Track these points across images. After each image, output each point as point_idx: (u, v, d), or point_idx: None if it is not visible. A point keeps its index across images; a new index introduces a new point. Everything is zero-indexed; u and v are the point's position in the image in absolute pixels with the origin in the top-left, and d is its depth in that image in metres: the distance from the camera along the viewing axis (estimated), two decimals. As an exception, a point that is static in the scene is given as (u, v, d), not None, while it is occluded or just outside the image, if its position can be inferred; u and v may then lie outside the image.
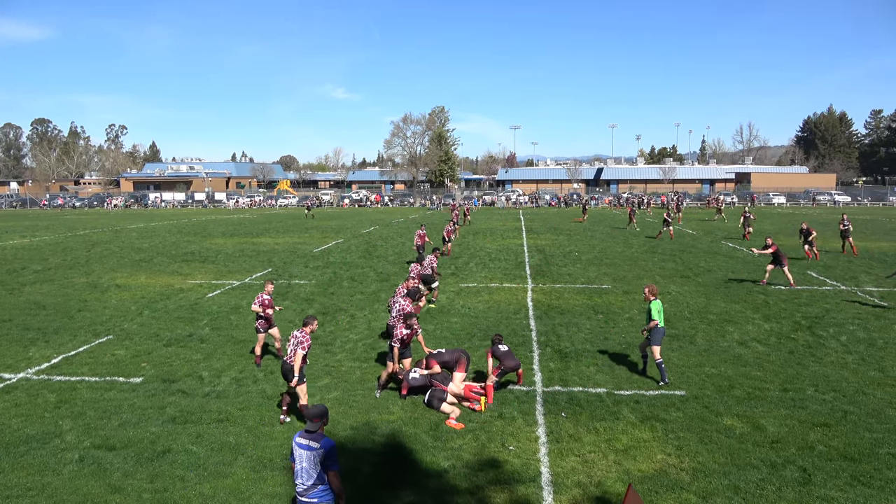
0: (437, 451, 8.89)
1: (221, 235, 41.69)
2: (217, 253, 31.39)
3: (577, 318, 16.65)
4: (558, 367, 12.47)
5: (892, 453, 8.63)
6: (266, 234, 42.15)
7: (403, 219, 58.96)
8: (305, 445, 6.00)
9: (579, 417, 10.00)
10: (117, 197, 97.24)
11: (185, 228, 47.97)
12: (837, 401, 10.57)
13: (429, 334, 15.06)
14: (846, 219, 29.42)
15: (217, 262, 27.86)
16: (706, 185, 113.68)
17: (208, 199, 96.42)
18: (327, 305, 18.53)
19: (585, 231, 42.78)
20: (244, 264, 27.25)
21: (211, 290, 21.02)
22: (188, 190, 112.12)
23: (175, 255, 30.44)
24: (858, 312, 17.00)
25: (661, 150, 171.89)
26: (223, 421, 9.97)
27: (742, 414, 10.05)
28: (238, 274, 24.50)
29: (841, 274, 23.07)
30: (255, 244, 35.82)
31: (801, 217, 55.53)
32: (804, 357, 13.05)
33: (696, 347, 13.82)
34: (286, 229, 46.56)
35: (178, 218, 62.33)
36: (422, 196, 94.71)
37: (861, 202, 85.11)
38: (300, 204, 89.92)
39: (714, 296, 19.41)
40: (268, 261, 28.28)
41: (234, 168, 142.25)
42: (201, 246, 34.85)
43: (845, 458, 8.53)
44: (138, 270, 25.67)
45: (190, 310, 17.99)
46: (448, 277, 23.23)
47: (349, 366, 12.74)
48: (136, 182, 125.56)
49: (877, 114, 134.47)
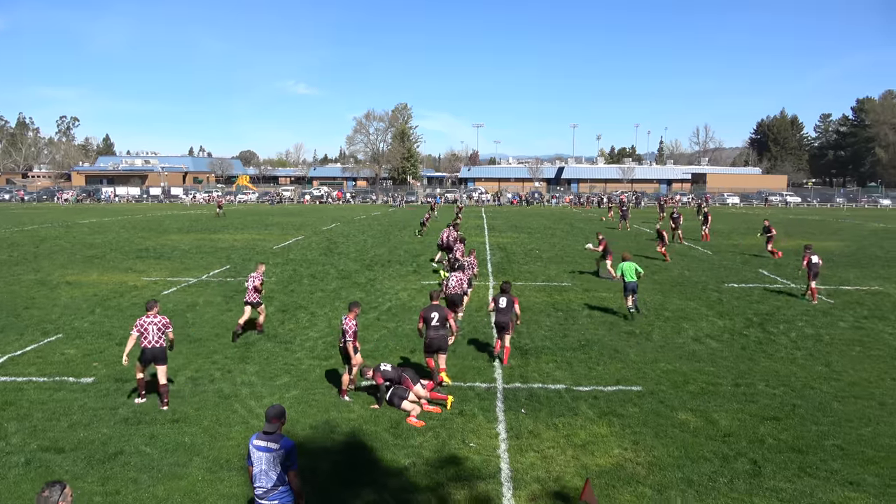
0: (397, 449, 8.88)
1: (178, 231, 40.77)
2: (173, 249, 30.69)
3: (538, 315, 16.81)
4: (518, 364, 12.58)
5: (837, 445, 8.97)
6: (224, 231, 41.39)
7: (365, 216, 58.63)
8: (264, 447, 5.91)
9: (539, 414, 10.11)
10: (68, 191, 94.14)
11: (140, 224, 46.75)
12: (786, 395, 10.93)
13: (390, 332, 15.03)
14: (769, 224, 29.56)
15: (173, 259, 27.25)
16: (664, 185, 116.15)
17: (164, 194, 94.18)
18: (287, 303, 18.30)
19: (546, 229, 43.22)
20: (201, 261, 26.71)
21: (166, 288, 20.55)
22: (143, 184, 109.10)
23: (129, 252, 29.65)
24: (807, 309, 17.60)
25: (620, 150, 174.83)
26: (178, 421, 9.76)
27: (696, 408, 10.31)
28: (195, 271, 24.01)
29: (791, 272, 23.83)
30: (213, 241, 35.14)
31: (756, 217, 57.19)
32: (755, 353, 13.45)
33: (653, 344, 14.11)
34: (245, 226, 45.81)
35: (132, 213, 60.71)
36: (384, 193, 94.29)
37: (811, 203, 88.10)
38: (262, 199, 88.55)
39: (670, 293, 19.85)
40: (226, 258, 27.77)
41: (191, 163, 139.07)
42: (157, 242, 34.02)
43: (793, 450, 8.83)
44: (90, 267, 24.92)
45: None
46: (409, 275, 23.21)
47: (309, 364, 12.62)
48: (88, 176, 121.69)
49: (826, 118, 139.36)
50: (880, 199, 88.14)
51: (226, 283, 21.45)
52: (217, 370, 12.21)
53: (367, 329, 15.26)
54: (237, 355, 13.14)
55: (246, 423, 9.73)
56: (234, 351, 13.44)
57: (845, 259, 28.06)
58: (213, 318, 16.40)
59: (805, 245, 19.81)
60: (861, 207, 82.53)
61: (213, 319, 16.30)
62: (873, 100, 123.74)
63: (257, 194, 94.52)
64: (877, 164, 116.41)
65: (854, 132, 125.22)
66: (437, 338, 11.32)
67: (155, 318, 10.47)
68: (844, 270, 24.65)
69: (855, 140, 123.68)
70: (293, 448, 5.94)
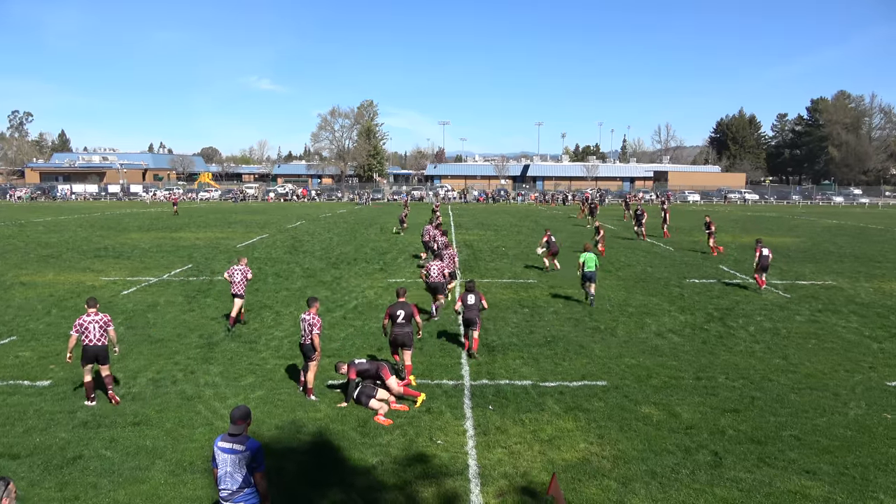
0: (364, 448, 8.84)
1: (137, 230, 39.84)
2: (133, 248, 29.98)
3: (504, 312, 16.92)
4: (486, 361, 12.64)
5: (794, 435, 9.24)
6: (186, 229, 40.61)
7: (331, 214, 58.15)
8: (229, 449, 5.82)
9: (506, 410, 10.18)
10: (21, 188, 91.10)
11: (98, 222, 45.53)
12: (746, 387, 11.22)
13: (357, 330, 14.95)
14: (709, 220, 30.07)
15: (133, 258, 26.62)
16: (627, 182, 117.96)
17: (123, 192, 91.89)
18: (251, 302, 18.05)
19: (512, 227, 43.48)
20: (162, 260, 26.16)
21: (126, 288, 20.07)
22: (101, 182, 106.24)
23: (86, 251, 28.85)
24: (765, 304, 18.08)
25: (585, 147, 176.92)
26: (139, 424, 9.55)
27: (659, 402, 10.51)
28: (155, 270, 23.50)
29: (750, 268, 24.41)
30: (175, 239, 34.44)
31: (715, 214, 58.50)
32: (716, 347, 13.77)
33: (617, 339, 14.33)
34: (207, 224, 45.01)
35: (89, 211, 59.08)
36: (350, 191, 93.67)
37: (768, 200, 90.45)
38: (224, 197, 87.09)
39: (634, 289, 20.18)
40: (188, 256, 27.25)
41: (151, 159, 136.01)
42: (115, 241, 33.19)
43: (753, 441, 9.07)
44: (45, 267, 24.18)
45: (103, 308, 17.02)
46: (376, 273, 23.11)
47: (274, 364, 12.47)
48: (42, 173, 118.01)
49: (782, 118, 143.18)
50: (833, 196, 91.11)
51: (188, 283, 21.04)
52: (179, 371, 11.98)
53: (334, 328, 15.15)
54: (200, 356, 12.91)
55: (210, 424, 9.57)
56: (197, 352, 13.21)
57: (801, 255, 28.91)
58: (175, 318, 16.08)
59: (756, 239, 20.86)
60: (816, 204, 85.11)
61: (174, 319, 15.98)
62: (827, 100, 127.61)
63: (220, 192, 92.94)
64: (830, 162, 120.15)
65: (809, 132, 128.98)
66: (401, 334, 11.42)
67: (96, 317, 10.31)
68: (800, 266, 25.39)
69: (810, 139, 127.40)
70: (259, 449, 5.86)
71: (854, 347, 13.74)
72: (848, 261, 26.99)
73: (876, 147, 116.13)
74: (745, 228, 43.04)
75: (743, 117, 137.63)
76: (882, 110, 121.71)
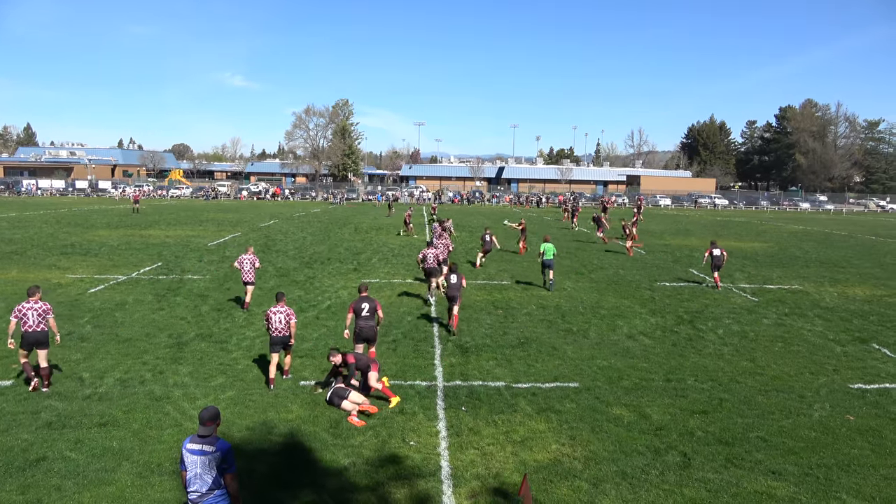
0: (336, 449, 8.78)
1: (106, 227, 39.05)
2: (101, 245, 29.37)
3: (478, 313, 16.96)
4: (459, 362, 12.65)
5: (760, 437, 9.42)
6: (156, 227, 39.93)
7: (305, 213, 57.69)
8: (198, 451, 5.73)
9: (479, 411, 10.20)
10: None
11: (65, 219, 44.50)
12: (714, 389, 11.41)
13: (330, 330, 14.85)
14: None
15: (101, 256, 26.08)
16: (600, 186, 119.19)
17: (91, 188, 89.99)
18: (222, 302, 17.82)
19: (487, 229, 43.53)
20: (131, 258, 25.68)
21: (93, 286, 19.65)
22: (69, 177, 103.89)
23: (53, 248, 28.19)
24: (733, 307, 18.41)
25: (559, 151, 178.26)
26: (106, 425, 9.36)
27: (630, 403, 10.63)
28: (124, 268, 23.07)
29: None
30: (144, 236, 33.84)
31: (685, 218, 59.33)
32: (685, 349, 13.98)
33: (590, 341, 14.46)
34: (178, 221, 44.32)
35: (56, 207, 57.72)
36: (324, 190, 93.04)
37: (737, 205, 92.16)
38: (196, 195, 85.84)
39: (606, 292, 20.38)
40: (157, 254, 26.80)
41: (120, 155, 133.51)
42: (83, 238, 32.48)
43: (721, 442, 9.22)
44: (9, 264, 23.56)
45: (69, 306, 16.75)
46: (350, 273, 23.00)
47: (245, 364, 12.33)
48: (7, 167, 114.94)
49: (751, 125, 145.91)
50: (800, 202, 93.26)
51: (157, 281, 20.69)
52: (148, 371, 11.78)
53: (307, 327, 15.03)
54: (169, 356, 12.70)
55: (178, 425, 9.41)
56: (166, 351, 13.00)
57: (769, 259, 29.50)
58: (144, 318, 15.80)
59: (711, 241, 22.19)
60: (783, 210, 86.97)
61: (143, 318, 15.71)
62: (794, 108, 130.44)
63: (191, 189, 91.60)
64: (797, 169, 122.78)
65: (777, 139, 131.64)
66: (366, 328, 11.70)
67: (35, 304, 10.72)
68: (768, 270, 25.91)
69: (778, 146, 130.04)
70: (230, 450, 5.79)
71: (819, 350, 14.07)
72: (813, 266, 27.63)
73: (841, 155, 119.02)
74: (715, 233, 43.79)
75: (713, 124, 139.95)
76: (847, 119, 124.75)
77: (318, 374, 11.81)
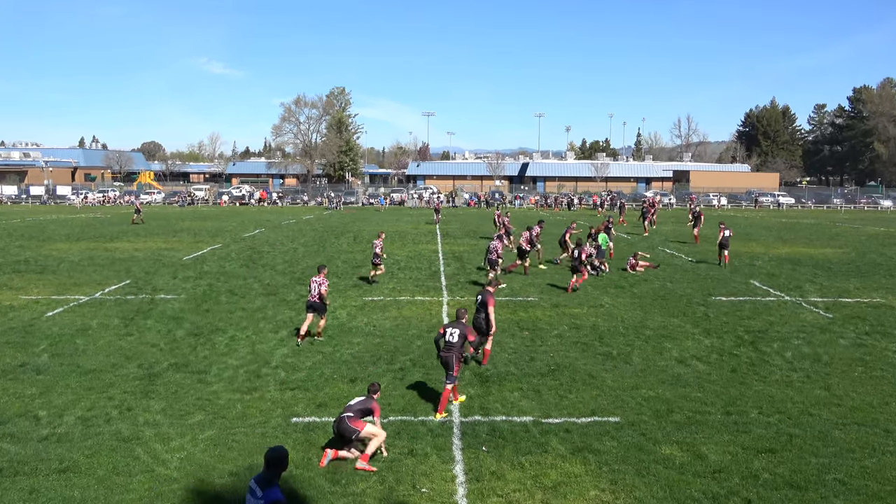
0: (335, 498, 8.77)
1: (65, 239, 39.51)
2: (59, 261, 29.71)
3: (500, 335, 16.91)
4: (478, 394, 12.61)
5: (839, 479, 9.29)
6: (123, 238, 40.33)
7: (295, 220, 58.05)
8: (250, 492, 6.08)
9: (502, 451, 10.14)
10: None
11: (18, 230, 45.10)
12: (782, 423, 11.28)
13: (326, 357, 14.88)
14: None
15: (59, 273, 26.38)
16: (641, 183, 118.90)
17: (48, 194, 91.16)
18: (201, 325, 17.92)
19: (509, 235, 43.58)
20: (94, 275, 25.94)
21: (51, 308, 19.86)
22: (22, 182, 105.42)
23: (3, 265, 28.55)
24: (803, 325, 18.23)
25: (592, 143, 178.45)
26: (66, 471, 9.41)
27: (682, 441, 10.53)
28: (86, 287, 23.29)
29: (785, 283, 24.68)
30: (109, 250, 34.18)
31: (744, 220, 59.01)
32: (747, 376, 13.85)
33: (632, 367, 14.36)
34: (149, 232, 44.75)
35: (8, 217, 58.55)
36: (318, 193, 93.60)
37: (805, 204, 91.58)
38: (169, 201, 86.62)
39: (651, 308, 20.27)
40: (125, 270, 27.06)
41: (82, 156, 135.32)
42: (39, 252, 32.87)
43: (791, 486, 9.10)
44: (-46, 283, 23.88)
45: (23, 332, 16.92)
46: (349, 290, 23.06)
47: (227, 398, 12.37)
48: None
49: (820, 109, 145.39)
50: (880, 199, 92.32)
51: (125, 302, 20.87)
52: (114, 408, 11.85)
53: (299, 355, 15.07)
54: (139, 389, 12.78)
55: (150, 471, 9.45)
56: (136, 384, 13.08)
57: (844, 268, 29.22)
58: (110, 344, 15.92)
59: (720, 222, 27.72)
60: (860, 209, 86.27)
61: (109, 346, 15.83)
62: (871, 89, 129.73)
63: (164, 194, 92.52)
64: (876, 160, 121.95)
65: (851, 125, 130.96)
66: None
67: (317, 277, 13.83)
68: (844, 280, 25.65)
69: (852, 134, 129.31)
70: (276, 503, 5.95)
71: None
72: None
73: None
74: (780, 237, 43.48)
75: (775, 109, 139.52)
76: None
77: (312, 408, 11.83)
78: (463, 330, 12.11)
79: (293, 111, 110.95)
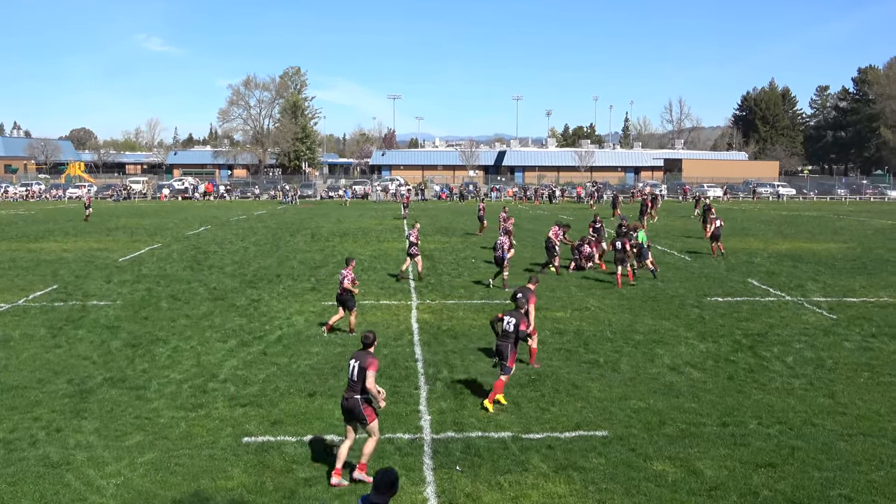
0: (292, 526, 8.72)
1: (-17, 239, 38.80)
2: (-24, 264, 29.17)
3: (476, 342, 16.96)
4: (451, 408, 12.63)
5: (844, 495, 9.45)
6: (50, 237, 39.72)
7: (246, 216, 57.59)
8: None
9: (478, 471, 10.17)
10: None
11: (-72, 230, 44.18)
12: (783, 435, 11.45)
13: (281, 369, 14.80)
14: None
15: (-24, 278, 25.89)
16: (630, 173, 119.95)
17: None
18: (139, 334, 17.73)
19: (485, 232, 43.66)
20: (17, 279, 25.54)
21: (-33, 317, 19.50)
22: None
23: (-88, 268, 27.95)
24: (805, 328, 18.52)
25: (576, 129, 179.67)
26: (-14, 501, 9.25)
27: (675, 456, 10.64)
28: (7, 293, 22.92)
29: (785, 282, 25.04)
30: (34, 251, 33.67)
31: (741, 213, 59.75)
32: (745, 383, 14.03)
33: (621, 376, 14.48)
34: (79, 231, 44.11)
35: (-84, 215, 57.31)
36: (271, 186, 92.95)
37: (807, 195, 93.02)
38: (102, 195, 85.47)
39: (641, 311, 20.45)
40: (52, 274, 26.66)
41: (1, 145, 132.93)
42: (-47, 254, 32.23)
43: (793, 503, 9.24)
44: None
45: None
46: (306, 294, 22.95)
47: (170, 417, 12.24)
48: None
49: (823, 91, 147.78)
50: (887, 189, 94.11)
51: (52, 310, 20.56)
52: (41, 429, 11.67)
53: (250, 367, 14.96)
54: (69, 408, 12.61)
55: (82, 500, 9.31)
56: (65, 402, 12.90)
57: (849, 264, 29.73)
58: (36, 357, 15.68)
59: (706, 206, 27.22)
60: (866, 200, 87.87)
61: (34, 359, 15.58)
62: (877, 69, 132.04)
63: (96, 188, 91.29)
64: (883, 147, 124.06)
65: (856, 109, 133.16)
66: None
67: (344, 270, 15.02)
68: (849, 278, 26.10)
69: (857, 118, 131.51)
70: None
71: (917, 381, 14.17)
72: (907, 271, 27.85)
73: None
74: (780, 232, 44.11)
75: (774, 91, 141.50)
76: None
77: (266, 426, 11.76)
78: (519, 319, 12.91)
79: (242, 94, 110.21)
